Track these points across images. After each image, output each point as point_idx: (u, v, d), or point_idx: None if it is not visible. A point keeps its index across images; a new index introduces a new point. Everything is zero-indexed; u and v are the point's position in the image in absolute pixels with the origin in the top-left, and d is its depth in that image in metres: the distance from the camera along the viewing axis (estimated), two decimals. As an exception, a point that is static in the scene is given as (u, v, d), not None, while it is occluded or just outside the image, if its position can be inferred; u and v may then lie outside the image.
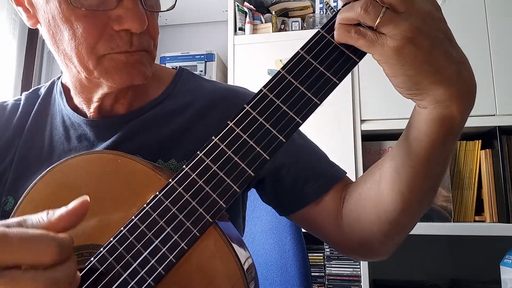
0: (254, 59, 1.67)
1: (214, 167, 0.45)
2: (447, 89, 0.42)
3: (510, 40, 1.49)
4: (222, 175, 0.45)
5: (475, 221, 1.48)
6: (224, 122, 0.46)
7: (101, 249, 0.44)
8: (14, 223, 0.36)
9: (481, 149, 1.50)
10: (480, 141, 1.51)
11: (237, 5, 1.75)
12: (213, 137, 0.46)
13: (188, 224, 0.44)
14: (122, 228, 0.45)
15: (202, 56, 1.86)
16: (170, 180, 0.45)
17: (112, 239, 0.45)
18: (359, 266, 1.50)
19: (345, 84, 1.54)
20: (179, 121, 0.62)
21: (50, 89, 0.69)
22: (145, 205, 0.45)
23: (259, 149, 0.44)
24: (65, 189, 0.50)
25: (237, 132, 0.45)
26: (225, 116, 0.61)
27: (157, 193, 0.45)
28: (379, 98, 1.52)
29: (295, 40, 1.63)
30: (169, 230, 0.44)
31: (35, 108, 0.67)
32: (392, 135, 1.57)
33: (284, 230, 0.85)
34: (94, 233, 0.47)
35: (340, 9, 0.44)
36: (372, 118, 1.54)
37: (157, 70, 0.67)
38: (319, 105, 0.44)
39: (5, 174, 0.62)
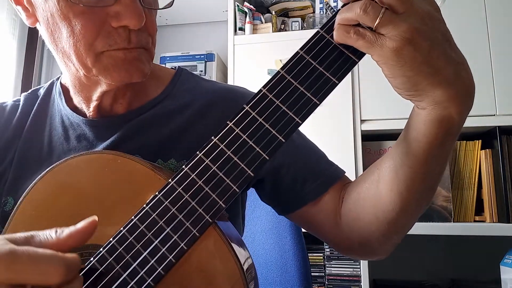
0: (254, 59, 1.67)
1: (214, 167, 0.45)
2: (446, 90, 0.42)
3: (510, 40, 1.49)
4: (222, 175, 0.45)
5: (475, 221, 1.48)
6: (224, 122, 0.46)
7: (101, 249, 0.44)
8: (22, 239, 0.36)
9: (481, 149, 1.50)
10: (480, 141, 1.51)
11: (237, 5, 1.75)
12: (213, 137, 0.46)
13: (188, 224, 0.44)
14: (122, 228, 0.45)
15: (202, 56, 1.86)
16: (170, 180, 0.45)
17: (112, 239, 0.45)
18: (359, 266, 1.50)
19: (345, 84, 1.54)
20: (178, 121, 0.62)
21: (49, 90, 0.69)
22: (145, 205, 0.45)
23: (259, 149, 0.44)
24: (65, 190, 0.50)
25: (237, 132, 0.45)
26: (225, 116, 0.61)
27: (157, 193, 0.45)
28: (379, 98, 1.52)
29: (295, 40, 1.62)
30: (169, 230, 0.44)
31: (34, 109, 0.67)
32: (392, 135, 1.57)
33: (284, 230, 0.85)
34: (94, 233, 0.47)
35: (340, 9, 0.44)
36: (372, 118, 1.54)
37: (156, 70, 0.67)
38: (319, 105, 0.44)
39: (5, 175, 0.62)
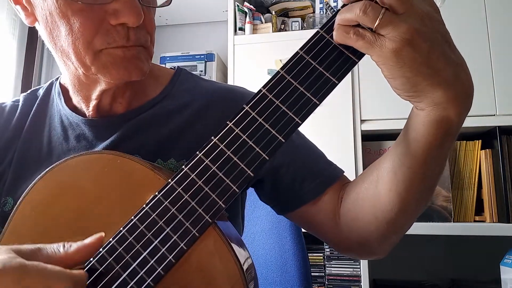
0: (254, 59, 1.67)
1: (214, 167, 0.45)
2: (445, 92, 0.42)
3: (510, 40, 1.49)
4: (222, 175, 0.45)
5: (475, 221, 1.48)
6: (223, 122, 0.46)
7: (101, 249, 0.44)
8: (29, 251, 0.37)
9: (481, 149, 1.50)
10: (480, 141, 1.51)
11: (237, 5, 1.75)
12: (213, 137, 0.46)
13: (188, 224, 0.44)
14: (122, 229, 0.45)
15: (202, 56, 1.86)
16: (170, 180, 0.45)
17: (112, 239, 0.45)
18: (359, 266, 1.50)
19: (345, 84, 1.54)
20: (178, 121, 0.62)
21: (49, 90, 0.69)
22: (145, 205, 0.45)
23: (258, 149, 0.44)
24: (64, 190, 0.49)
25: (237, 132, 0.45)
26: (224, 116, 0.61)
27: (157, 193, 0.45)
28: (379, 98, 1.52)
29: (295, 40, 1.62)
30: (169, 230, 0.44)
31: (34, 109, 0.67)
32: (392, 135, 1.57)
33: (284, 230, 0.85)
34: (94, 233, 0.47)
35: (339, 9, 0.44)
36: (372, 118, 1.54)
37: (155, 70, 0.67)
38: (319, 105, 0.44)
39: (4, 175, 0.62)
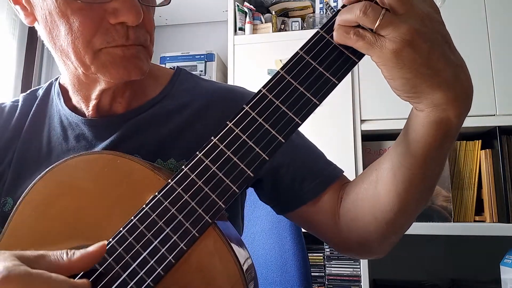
0: (254, 59, 1.66)
1: (214, 168, 0.45)
2: (445, 93, 0.42)
3: (510, 40, 1.49)
4: (222, 176, 0.45)
5: (475, 221, 1.48)
6: (223, 122, 0.46)
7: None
8: (32, 258, 0.37)
9: (481, 149, 1.50)
10: (480, 141, 1.51)
11: (237, 5, 1.75)
12: (212, 138, 0.46)
13: (187, 225, 0.44)
14: (121, 229, 0.45)
15: (202, 56, 1.86)
16: (169, 181, 0.45)
17: (111, 240, 0.45)
18: (359, 266, 1.50)
19: (345, 84, 1.54)
20: (177, 121, 0.62)
21: (48, 90, 0.69)
22: (144, 206, 0.45)
23: (258, 150, 0.44)
24: (64, 190, 0.49)
25: (237, 133, 0.45)
26: (224, 116, 0.61)
27: (156, 194, 0.45)
28: (379, 98, 1.52)
29: (295, 40, 1.62)
30: (168, 231, 0.44)
31: (33, 110, 0.67)
32: (392, 135, 1.57)
33: (284, 230, 0.85)
34: (93, 234, 0.47)
35: (340, 10, 0.44)
36: (372, 118, 1.54)
37: (155, 70, 0.67)
38: (319, 106, 0.44)
39: (4, 175, 0.62)
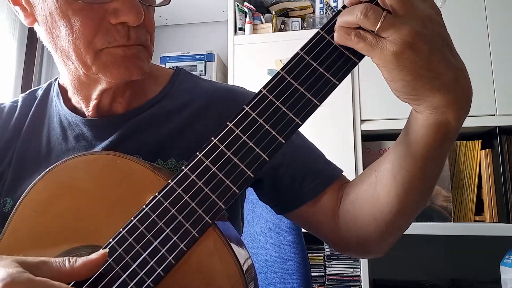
0: (254, 59, 1.66)
1: (214, 168, 0.45)
2: (444, 96, 0.42)
3: (510, 40, 1.49)
4: (222, 176, 0.45)
5: (475, 221, 1.48)
6: (223, 122, 0.46)
7: (100, 250, 0.44)
8: (34, 264, 0.38)
9: (481, 149, 1.50)
10: (480, 141, 1.51)
11: (237, 5, 1.75)
12: (213, 138, 0.46)
13: (187, 225, 0.44)
14: (121, 229, 0.45)
15: (202, 56, 1.86)
16: (169, 181, 0.45)
17: (111, 240, 0.45)
18: (359, 266, 1.50)
19: (345, 85, 1.54)
20: (177, 121, 0.62)
21: (47, 91, 0.69)
22: (144, 206, 0.45)
23: (259, 150, 0.44)
24: (64, 190, 0.49)
25: (237, 133, 0.45)
26: (224, 116, 0.61)
27: (156, 194, 0.45)
28: (379, 98, 1.52)
29: (295, 40, 1.62)
30: (168, 231, 0.44)
31: (32, 110, 0.67)
32: (392, 135, 1.57)
33: (284, 230, 0.85)
34: (93, 234, 0.47)
35: (340, 10, 0.44)
36: (372, 118, 1.54)
37: (154, 70, 0.67)
38: (319, 106, 0.44)
39: (4, 176, 0.62)
